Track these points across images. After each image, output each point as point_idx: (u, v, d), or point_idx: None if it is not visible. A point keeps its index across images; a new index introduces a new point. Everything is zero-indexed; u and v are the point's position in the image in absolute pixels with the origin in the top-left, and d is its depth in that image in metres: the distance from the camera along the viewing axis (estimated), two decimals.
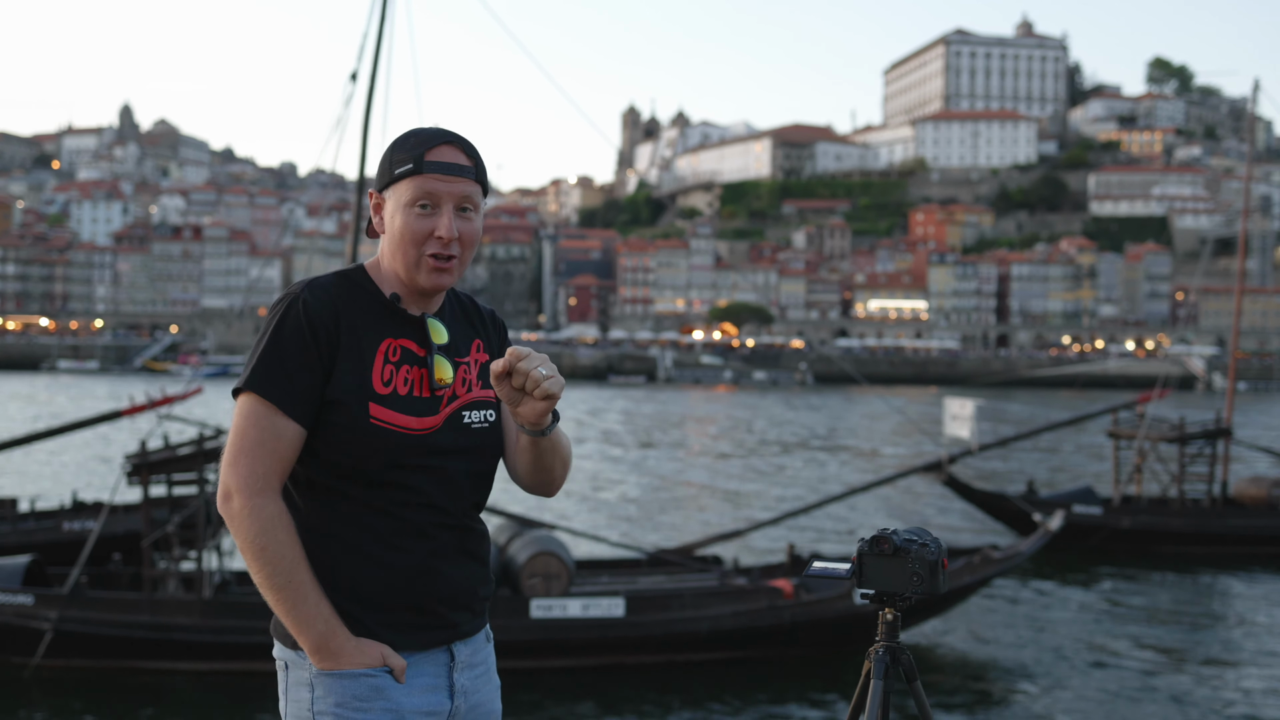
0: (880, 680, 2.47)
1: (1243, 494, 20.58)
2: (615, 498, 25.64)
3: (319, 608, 2.10)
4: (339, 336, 2.15)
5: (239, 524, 2.10)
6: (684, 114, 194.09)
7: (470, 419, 2.25)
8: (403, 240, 2.18)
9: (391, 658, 2.15)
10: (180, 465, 11.83)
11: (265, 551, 2.08)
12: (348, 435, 2.13)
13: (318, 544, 2.16)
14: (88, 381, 78.19)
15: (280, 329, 2.13)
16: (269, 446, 2.10)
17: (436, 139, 2.21)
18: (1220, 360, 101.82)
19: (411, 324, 2.23)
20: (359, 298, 2.21)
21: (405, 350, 2.21)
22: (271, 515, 2.09)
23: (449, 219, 2.18)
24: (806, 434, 45.19)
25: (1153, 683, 12.16)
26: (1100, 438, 33.82)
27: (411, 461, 2.16)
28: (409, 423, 2.16)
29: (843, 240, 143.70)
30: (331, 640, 2.11)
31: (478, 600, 2.29)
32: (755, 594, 12.16)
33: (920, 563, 2.42)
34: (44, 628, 10.90)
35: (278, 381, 2.11)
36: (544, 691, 11.20)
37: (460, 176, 2.19)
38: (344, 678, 2.12)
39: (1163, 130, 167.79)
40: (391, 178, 2.21)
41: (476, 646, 2.29)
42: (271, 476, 2.11)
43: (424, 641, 2.20)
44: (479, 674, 2.28)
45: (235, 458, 2.11)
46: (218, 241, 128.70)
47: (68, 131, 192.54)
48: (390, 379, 2.17)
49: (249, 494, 2.09)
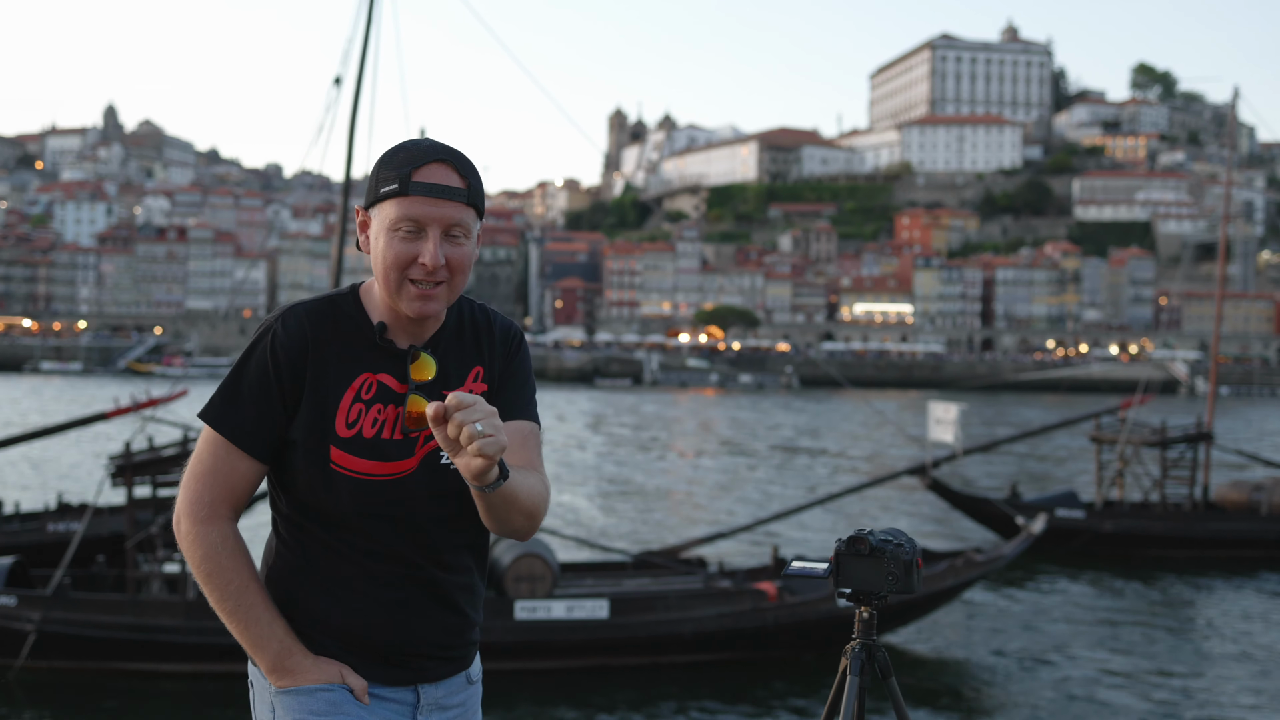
0: (856, 676, 2.52)
1: (1224, 498, 20.72)
2: (601, 500, 25.66)
3: (272, 628, 2.07)
4: (305, 374, 2.06)
5: (185, 548, 2.09)
6: (670, 117, 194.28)
7: (447, 459, 2.09)
8: (384, 265, 2.04)
9: (351, 677, 2.09)
10: (164, 467, 11.84)
11: (211, 576, 2.07)
12: (309, 478, 2.07)
13: (287, 572, 2.14)
14: (71, 383, 77.85)
15: (246, 362, 2.08)
16: (220, 475, 2.08)
17: (426, 156, 2.03)
18: (1202, 365, 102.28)
19: (394, 357, 2.10)
20: (342, 326, 2.10)
21: (382, 387, 2.09)
22: (215, 541, 2.06)
23: (434, 245, 2.01)
24: (792, 437, 45.27)
25: (1133, 685, 12.24)
26: (1083, 442, 33.97)
27: (375, 511, 2.07)
28: (372, 469, 2.06)
29: (829, 244, 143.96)
30: (287, 659, 2.07)
31: (450, 649, 2.18)
32: (739, 596, 12.21)
33: (895, 562, 2.48)
34: (27, 629, 10.88)
35: (231, 416, 2.07)
36: (528, 693, 11.22)
37: (449, 200, 2.02)
38: (300, 694, 2.07)
39: (1146, 136, 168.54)
40: (377, 196, 2.06)
41: (452, 689, 2.20)
42: (219, 504, 2.08)
43: (384, 677, 2.13)
44: (453, 716, 2.20)
45: (187, 482, 2.10)
46: (202, 243, 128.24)
47: (52, 132, 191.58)
48: (357, 420, 2.06)
49: (194, 520, 2.07)
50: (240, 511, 2.13)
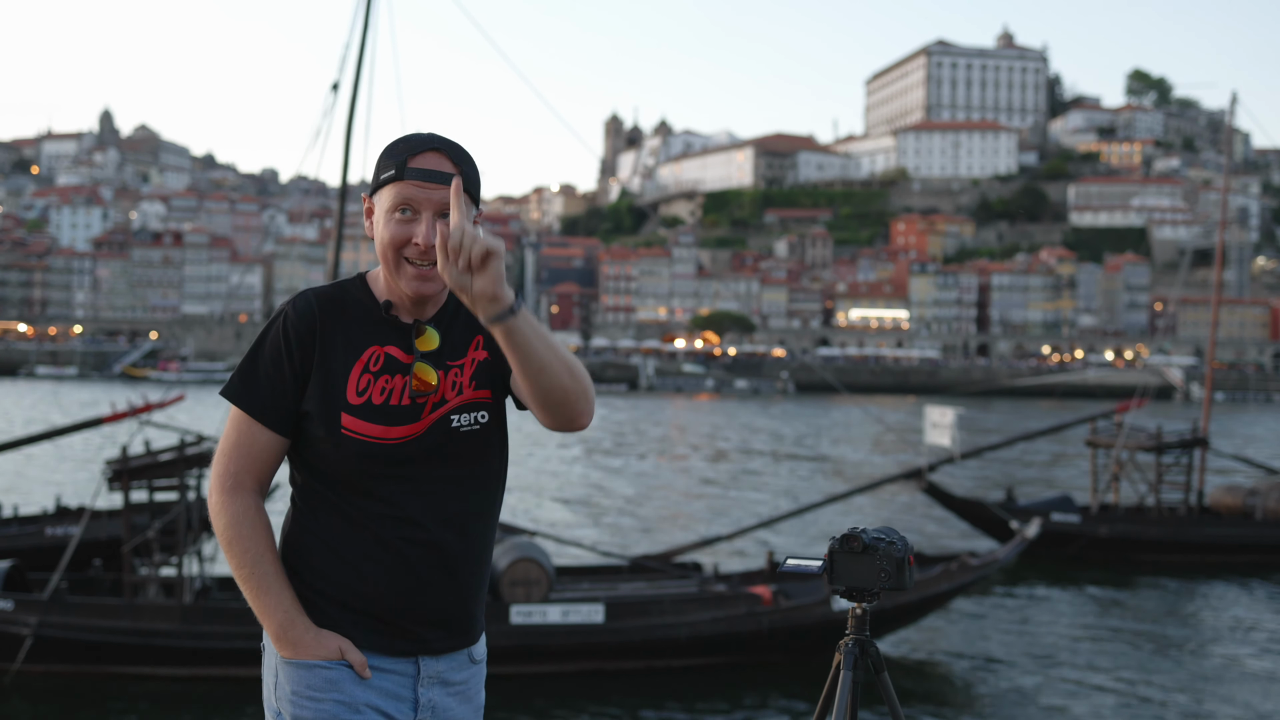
0: (850, 671, 2.56)
1: (1218, 503, 20.76)
2: (597, 505, 25.67)
3: (280, 598, 2.21)
4: (314, 350, 2.22)
5: (213, 516, 2.25)
6: (667, 123, 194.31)
7: (459, 422, 2.25)
8: (383, 245, 2.21)
9: (350, 652, 2.21)
10: (161, 471, 11.83)
11: (232, 544, 2.22)
12: (323, 445, 2.22)
13: (301, 539, 2.28)
14: (66, 388, 77.77)
15: (262, 343, 2.25)
16: (243, 449, 2.24)
17: (422, 145, 2.21)
18: (1198, 370, 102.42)
19: (399, 330, 2.25)
20: (350, 308, 2.27)
21: (389, 358, 2.24)
22: (238, 511, 2.22)
23: (427, 227, 2.17)
24: (788, 442, 45.30)
25: (1127, 690, 12.27)
26: (1079, 446, 34.01)
27: (386, 471, 2.21)
28: (382, 432, 2.20)
29: (824, 249, 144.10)
30: (290, 630, 2.20)
31: (457, 620, 2.28)
32: (734, 600, 12.22)
33: (888, 559, 2.52)
34: (24, 633, 10.89)
35: (249, 392, 2.24)
36: (523, 698, 11.23)
37: (441, 184, 2.17)
38: (301, 667, 2.21)
39: (1142, 142, 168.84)
40: (378, 183, 2.24)
41: (455, 664, 2.30)
42: (244, 475, 2.24)
43: (386, 647, 2.24)
44: (454, 692, 2.29)
45: (217, 456, 2.27)
46: (198, 248, 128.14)
47: (47, 136, 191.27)
48: (366, 389, 2.21)
49: (220, 490, 2.24)
50: (265, 484, 2.28)
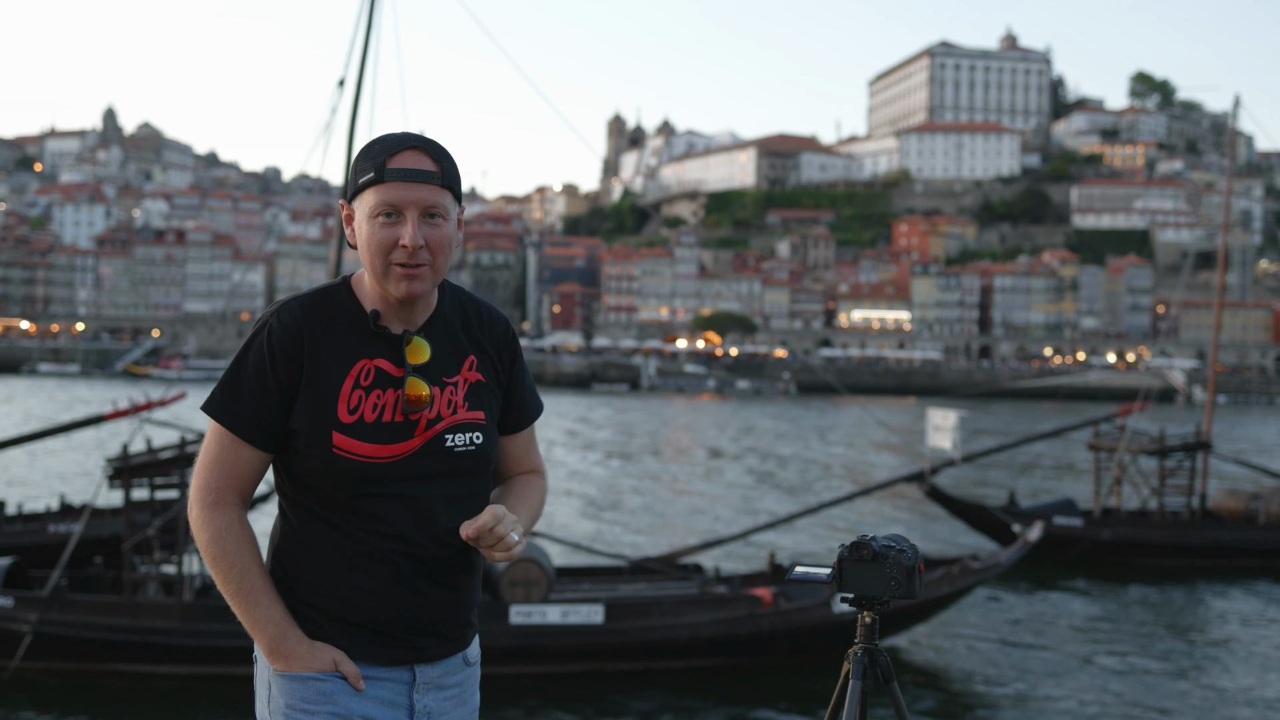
0: (859, 681, 2.52)
1: (1221, 507, 20.71)
2: (597, 506, 25.65)
3: (270, 611, 2.15)
4: (302, 365, 2.15)
5: (195, 532, 2.19)
6: (669, 123, 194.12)
7: (454, 442, 2.21)
8: (369, 251, 2.14)
9: (344, 663, 2.16)
10: (162, 469, 11.82)
11: (216, 560, 2.16)
12: (314, 463, 2.15)
13: (292, 551, 2.22)
14: (68, 385, 77.81)
15: (245, 355, 2.17)
16: (225, 464, 2.18)
17: (400, 145, 2.14)
18: (1200, 373, 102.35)
19: (389, 343, 2.19)
20: (336, 317, 2.19)
21: (380, 372, 2.17)
22: (221, 527, 2.16)
23: (413, 227, 2.11)
24: (789, 443, 45.27)
25: (1129, 693, 12.24)
26: (1081, 450, 33.98)
27: (379, 490, 2.16)
28: (375, 451, 2.15)
29: (827, 250, 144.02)
30: (283, 643, 2.15)
31: (449, 627, 2.25)
32: (734, 602, 12.19)
33: (898, 568, 2.49)
34: (23, 630, 10.89)
35: (231, 407, 2.16)
36: (522, 698, 11.21)
37: (423, 183, 2.12)
38: (294, 680, 2.15)
39: (1144, 144, 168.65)
40: (356, 187, 2.16)
41: (449, 669, 2.27)
42: (226, 490, 2.18)
43: (380, 657, 2.20)
44: (450, 696, 2.26)
45: (197, 471, 2.21)
46: (201, 246, 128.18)
47: (50, 134, 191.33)
48: (358, 406, 2.15)
49: (202, 505, 2.17)
50: (248, 498, 2.22)
